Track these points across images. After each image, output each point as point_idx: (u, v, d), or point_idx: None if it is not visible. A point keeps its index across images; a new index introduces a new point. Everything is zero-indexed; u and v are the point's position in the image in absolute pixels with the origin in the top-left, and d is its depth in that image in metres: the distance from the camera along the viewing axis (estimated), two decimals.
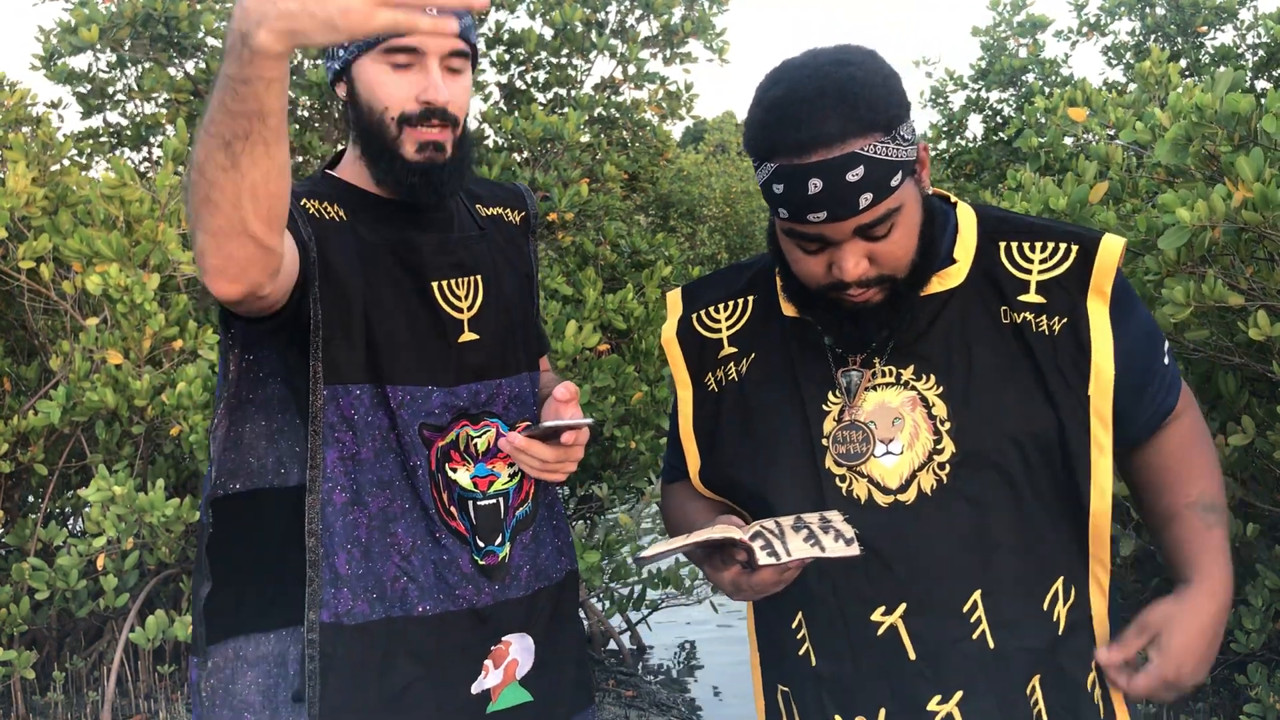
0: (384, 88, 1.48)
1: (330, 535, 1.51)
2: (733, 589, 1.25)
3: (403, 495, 1.55)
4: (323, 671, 1.50)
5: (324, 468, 1.52)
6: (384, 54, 1.48)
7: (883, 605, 1.32)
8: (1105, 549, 1.35)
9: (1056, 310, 1.32)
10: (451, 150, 1.53)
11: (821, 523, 1.23)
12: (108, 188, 3.59)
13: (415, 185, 1.52)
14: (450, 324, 1.58)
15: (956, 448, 1.30)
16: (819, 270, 1.28)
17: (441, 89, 1.48)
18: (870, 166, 1.19)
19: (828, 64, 1.22)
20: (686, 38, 5.38)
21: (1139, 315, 1.37)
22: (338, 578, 1.51)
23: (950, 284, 1.34)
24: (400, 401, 1.53)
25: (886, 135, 1.20)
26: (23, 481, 3.94)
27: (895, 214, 1.24)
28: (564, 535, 1.73)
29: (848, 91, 1.19)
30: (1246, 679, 2.68)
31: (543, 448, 1.50)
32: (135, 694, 3.88)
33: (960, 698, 1.31)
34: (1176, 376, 1.42)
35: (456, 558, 1.57)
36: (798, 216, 1.22)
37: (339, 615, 1.51)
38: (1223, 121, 2.30)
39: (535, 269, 1.77)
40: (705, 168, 10.20)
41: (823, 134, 1.18)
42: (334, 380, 1.51)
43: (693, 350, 1.49)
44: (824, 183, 1.19)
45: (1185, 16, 5.87)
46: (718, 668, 4.66)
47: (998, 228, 1.38)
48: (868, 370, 1.35)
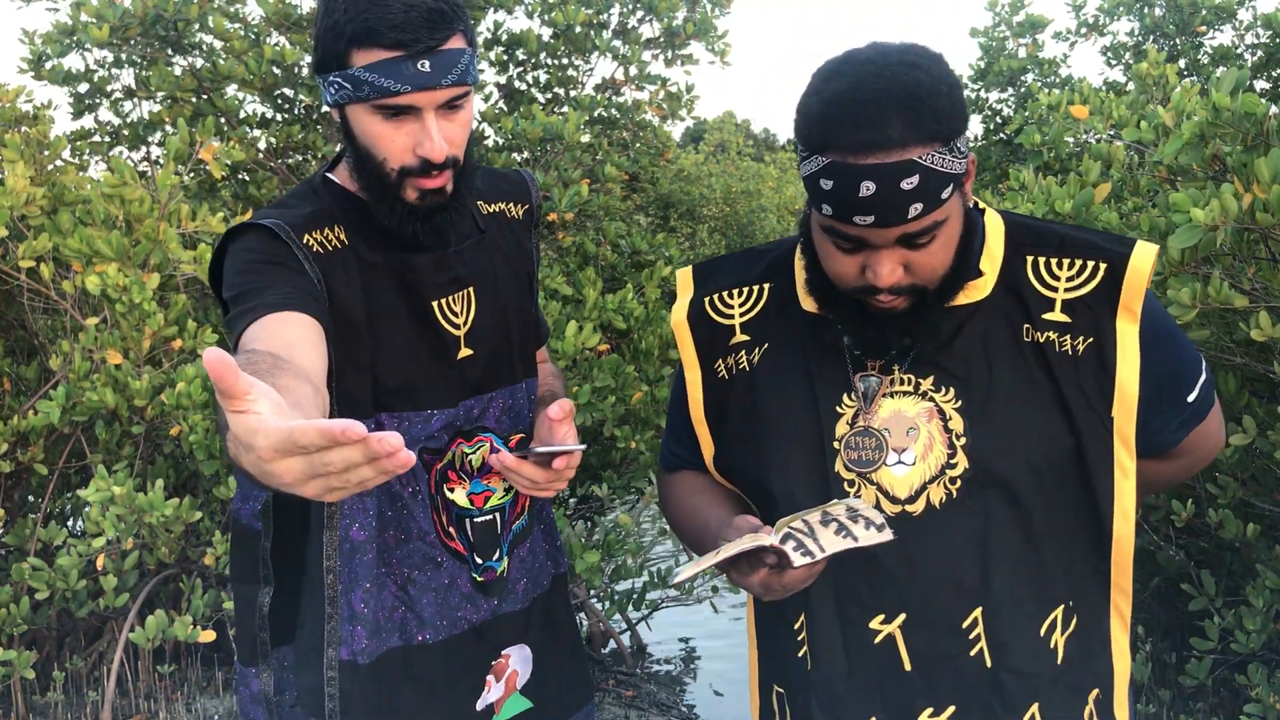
0: (381, 140, 1.41)
1: (351, 573, 1.49)
2: (763, 591, 1.22)
3: (397, 524, 1.52)
4: (342, 711, 1.48)
5: (342, 504, 1.48)
6: (376, 108, 1.39)
7: (882, 614, 1.30)
8: (1127, 577, 1.32)
9: (1081, 330, 1.28)
10: (453, 185, 1.47)
11: (849, 513, 1.21)
12: (108, 187, 3.59)
13: (418, 231, 1.48)
14: (450, 342, 1.54)
15: (970, 463, 1.28)
16: (851, 271, 1.25)
17: (438, 144, 1.40)
18: (925, 176, 1.15)
19: (895, 64, 1.17)
20: (688, 39, 5.38)
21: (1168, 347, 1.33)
22: (354, 615, 1.49)
23: (976, 296, 1.31)
24: (400, 429, 1.50)
25: (945, 146, 1.16)
26: (23, 481, 3.93)
27: (940, 226, 1.20)
28: (554, 539, 1.71)
29: (914, 97, 1.14)
30: (1246, 679, 2.68)
31: (533, 469, 1.46)
32: (135, 694, 3.87)
33: (952, 713, 1.30)
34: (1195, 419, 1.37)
35: (456, 579, 1.55)
36: (843, 216, 1.19)
37: (355, 654, 1.49)
38: (1237, 123, 2.29)
39: (536, 264, 1.73)
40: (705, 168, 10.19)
41: (884, 137, 1.13)
42: (349, 414, 1.47)
43: (703, 334, 1.45)
44: (877, 186, 1.15)
45: (1184, 17, 5.87)
46: (718, 668, 4.66)
47: (1024, 239, 1.34)
48: (886, 377, 1.33)
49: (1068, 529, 1.30)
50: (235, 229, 1.46)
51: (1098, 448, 1.27)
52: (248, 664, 1.56)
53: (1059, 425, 1.28)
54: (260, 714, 1.54)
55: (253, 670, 1.54)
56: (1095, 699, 1.33)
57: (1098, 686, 1.34)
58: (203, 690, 4.00)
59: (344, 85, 1.39)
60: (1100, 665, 1.34)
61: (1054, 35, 6.33)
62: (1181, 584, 2.94)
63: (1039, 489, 1.28)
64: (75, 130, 5.23)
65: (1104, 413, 1.27)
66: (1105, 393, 1.27)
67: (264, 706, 1.53)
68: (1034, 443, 1.28)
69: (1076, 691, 1.32)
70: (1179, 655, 3.18)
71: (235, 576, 1.58)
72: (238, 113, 5.02)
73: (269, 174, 5.20)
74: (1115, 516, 1.29)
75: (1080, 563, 1.31)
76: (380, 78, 1.35)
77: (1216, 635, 2.77)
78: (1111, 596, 1.33)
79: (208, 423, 3.46)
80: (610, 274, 5.11)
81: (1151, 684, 3.07)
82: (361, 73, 1.36)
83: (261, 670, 1.53)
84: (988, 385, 1.29)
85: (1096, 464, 1.28)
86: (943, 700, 1.30)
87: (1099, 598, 1.33)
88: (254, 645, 1.53)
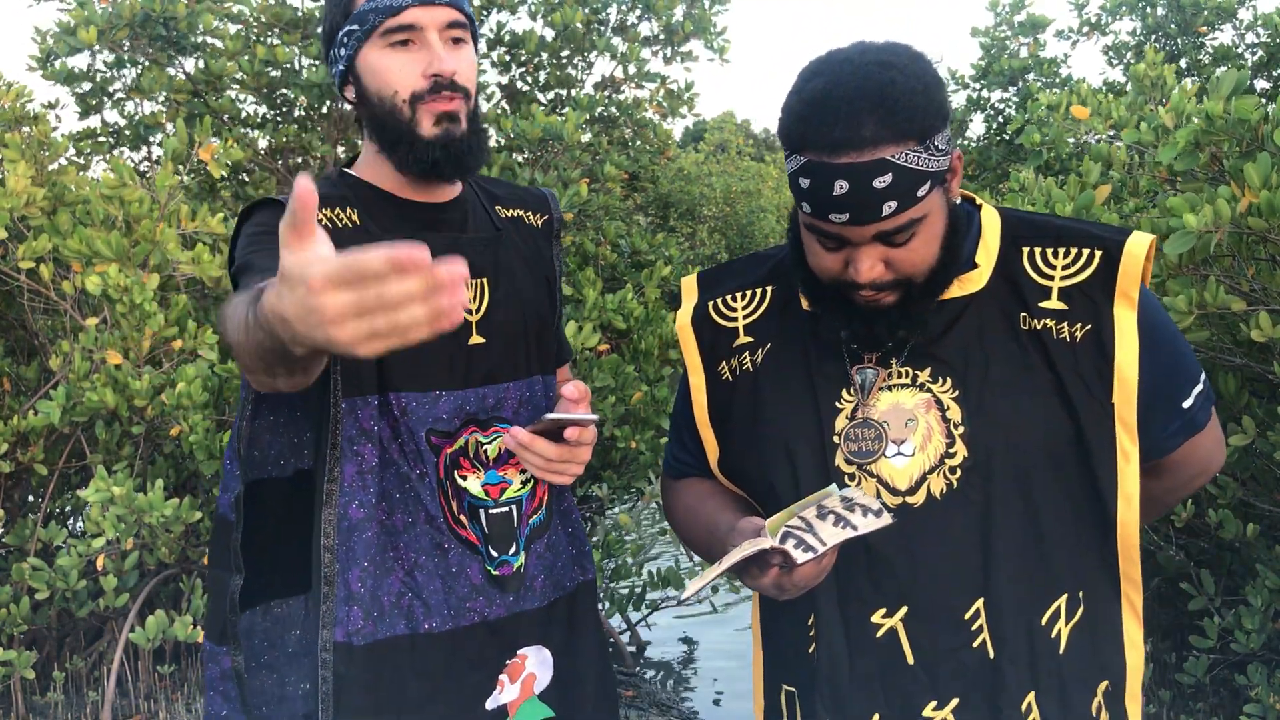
0: (390, 72, 1.49)
1: (348, 551, 1.48)
2: (776, 590, 1.23)
3: (406, 507, 1.52)
4: (335, 693, 1.47)
5: (342, 481, 1.48)
6: (382, 37, 1.48)
7: (884, 607, 1.30)
8: (1135, 566, 1.32)
9: (1079, 317, 1.29)
10: (467, 123, 1.52)
11: (845, 504, 1.22)
12: (107, 188, 3.59)
13: (439, 160, 1.51)
14: (461, 326, 1.54)
15: (969, 453, 1.28)
16: (834, 267, 1.27)
17: (446, 59, 1.48)
18: (899, 175, 1.17)
19: (872, 64, 1.19)
20: (687, 37, 5.38)
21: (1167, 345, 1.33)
22: (350, 595, 1.48)
23: (971, 288, 1.32)
24: (404, 409, 1.50)
25: (920, 144, 1.18)
26: (23, 481, 3.94)
27: (918, 223, 1.21)
28: (580, 544, 1.69)
29: (887, 96, 1.16)
30: (1246, 679, 2.68)
31: (546, 444, 1.45)
32: (135, 694, 3.87)
33: (956, 705, 1.30)
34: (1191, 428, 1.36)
35: (465, 569, 1.53)
36: (820, 214, 1.21)
37: (350, 635, 1.48)
38: (1230, 129, 2.30)
39: (558, 273, 1.74)
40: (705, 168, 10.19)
41: (856, 136, 1.16)
42: (352, 392, 1.48)
43: (707, 338, 1.47)
44: (850, 185, 1.17)
45: (1186, 16, 5.87)
46: (718, 668, 4.66)
47: (1021, 232, 1.36)
48: (884, 370, 1.34)
49: (1069, 516, 1.30)
50: (250, 206, 1.52)
51: (1098, 432, 1.27)
52: (218, 642, 1.57)
53: (1058, 412, 1.28)
54: (231, 689, 1.56)
55: (224, 649, 1.55)
56: (1105, 691, 1.32)
57: (1107, 679, 1.33)
58: (203, 690, 4.00)
59: (352, 29, 1.50)
60: (1109, 658, 1.33)
61: (1055, 34, 6.33)
62: (1181, 584, 2.94)
63: (1039, 476, 1.28)
64: (81, 130, 5.24)
65: (1104, 398, 1.27)
66: (1105, 378, 1.27)
67: (234, 682, 1.55)
68: (1033, 430, 1.28)
69: (1081, 683, 1.31)
70: (1179, 655, 3.18)
71: (211, 562, 1.62)
72: (236, 114, 5.03)
73: (268, 174, 5.20)
74: (1119, 501, 1.28)
75: (1085, 551, 1.31)
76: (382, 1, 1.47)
77: (1216, 635, 2.77)
78: (1121, 588, 1.33)
79: (208, 423, 3.46)
80: (610, 274, 5.11)
81: (1151, 684, 3.07)
82: (365, 6, 1.48)
83: (232, 650, 1.54)
84: (984, 374, 1.30)
85: (1098, 449, 1.27)
86: (946, 693, 1.30)
87: (1108, 588, 1.32)
88: (224, 626, 1.55)
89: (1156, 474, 1.39)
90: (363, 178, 1.58)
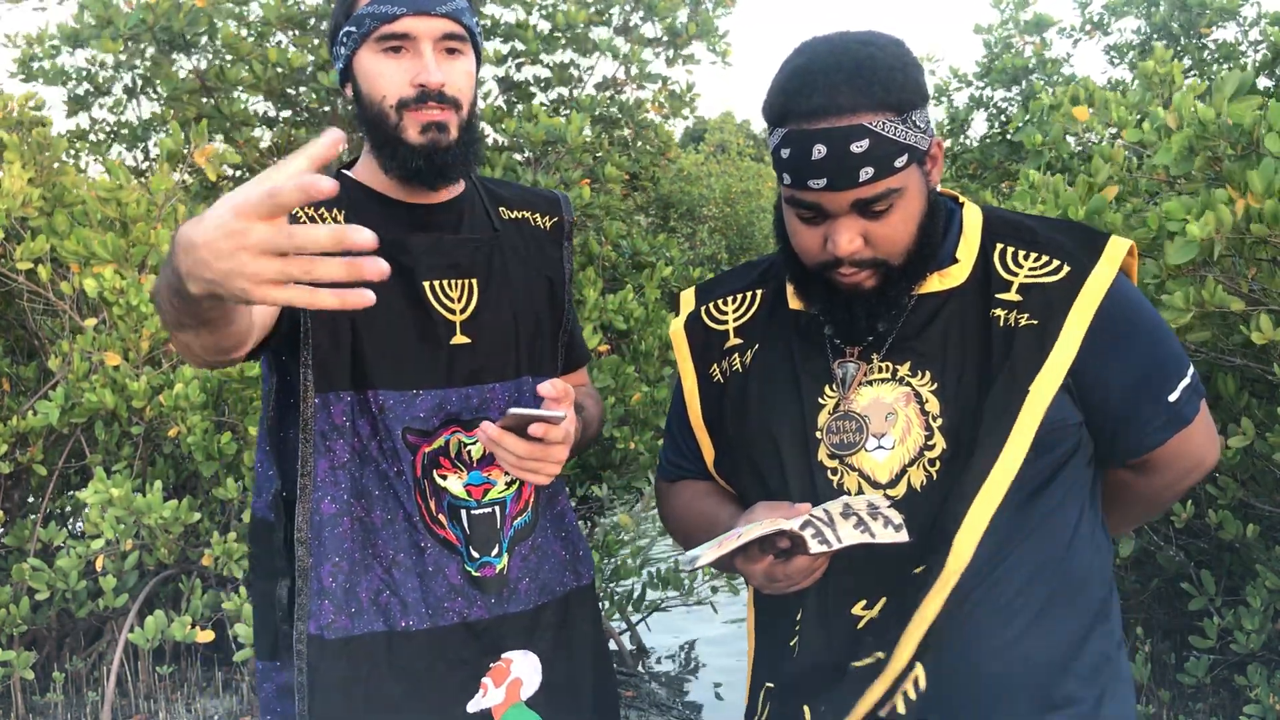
0: (381, 77, 1.50)
1: (320, 545, 1.49)
2: (765, 580, 1.24)
3: (383, 504, 1.51)
4: (309, 686, 1.47)
5: (315, 476, 1.49)
6: (377, 42, 1.50)
7: (864, 599, 1.31)
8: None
9: (1028, 309, 1.30)
10: (457, 133, 1.52)
11: (870, 509, 1.23)
12: (104, 189, 3.59)
13: (421, 169, 1.51)
14: (442, 325, 1.54)
15: (948, 444, 1.29)
16: (815, 244, 1.29)
17: (434, 71, 1.48)
18: (875, 141, 1.21)
19: (852, 41, 1.25)
20: (690, 40, 5.38)
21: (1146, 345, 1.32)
22: (323, 590, 1.49)
23: (951, 284, 1.35)
24: (382, 406, 1.50)
25: (897, 116, 1.22)
26: (22, 482, 3.94)
27: (895, 195, 1.24)
28: (575, 548, 1.67)
29: (864, 67, 1.21)
30: (1246, 680, 2.67)
31: (516, 441, 1.40)
32: (135, 694, 3.88)
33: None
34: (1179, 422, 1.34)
35: (443, 568, 1.52)
36: (798, 182, 1.24)
37: (322, 628, 1.48)
38: (1226, 133, 2.29)
39: (567, 275, 1.72)
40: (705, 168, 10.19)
41: (833, 103, 1.20)
42: (324, 388, 1.49)
43: (698, 340, 1.49)
44: (828, 149, 1.20)
45: (1190, 15, 5.85)
46: (718, 668, 4.65)
47: (1000, 231, 1.38)
48: (865, 364, 1.35)
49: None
50: None
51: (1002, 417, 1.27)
52: (270, 658, 1.55)
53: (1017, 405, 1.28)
54: (290, 707, 1.52)
55: (276, 664, 1.54)
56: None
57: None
58: (203, 690, 4.00)
59: (350, 30, 1.52)
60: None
61: (1057, 31, 6.31)
62: (1181, 584, 2.94)
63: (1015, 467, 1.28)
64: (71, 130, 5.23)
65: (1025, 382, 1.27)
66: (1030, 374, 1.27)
67: (293, 697, 1.51)
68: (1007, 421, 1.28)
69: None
70: (1178, 655, 3.18)
71: (254, 573, 1.59)
72: (244, 117, 5.01)
73: None
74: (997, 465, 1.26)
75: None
76: (380, 5, 1.49)
77: (1216, 635, 2.76)
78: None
79: (206, 424, 3.46)
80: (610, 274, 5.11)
81: (1151, 684, 3.06)
82: (364, 9, 1.50)
83: (286, 663, 1.52)
84: (961, 367, 1.31)
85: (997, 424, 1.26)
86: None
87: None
88: (276, 638, 1.54)
89: (1148, 471, 1.38)
90: (358, 178, 1.59)
